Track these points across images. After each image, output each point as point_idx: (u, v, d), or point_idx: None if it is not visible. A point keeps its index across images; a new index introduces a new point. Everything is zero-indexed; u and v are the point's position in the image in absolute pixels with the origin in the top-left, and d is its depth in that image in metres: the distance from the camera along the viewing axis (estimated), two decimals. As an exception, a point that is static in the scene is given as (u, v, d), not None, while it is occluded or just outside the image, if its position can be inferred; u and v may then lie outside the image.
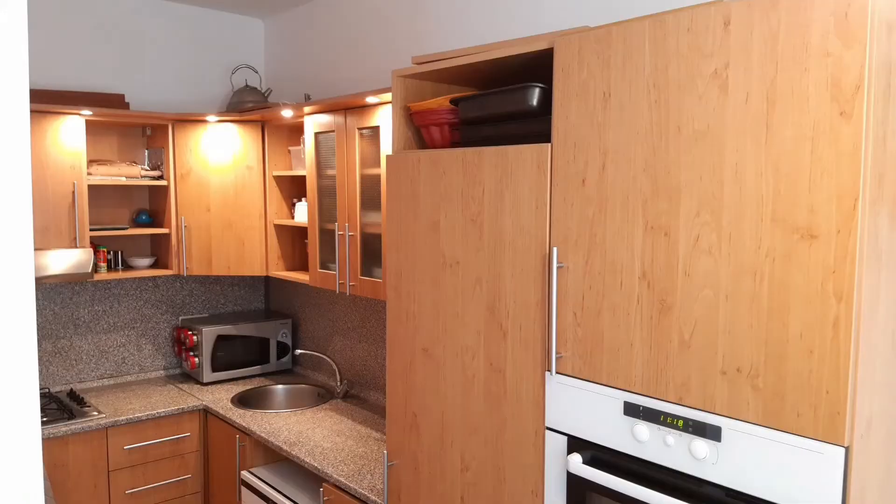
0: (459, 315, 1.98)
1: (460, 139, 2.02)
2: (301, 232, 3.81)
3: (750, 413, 1.35)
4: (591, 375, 1.64)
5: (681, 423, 1.46)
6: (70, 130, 3.31)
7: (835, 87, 1.21)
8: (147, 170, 3.66)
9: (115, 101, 3.62)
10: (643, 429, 1.52)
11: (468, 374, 1.96)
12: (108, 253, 3.69)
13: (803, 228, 1.26)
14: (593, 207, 1.60)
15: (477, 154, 1.88)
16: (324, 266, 3.27)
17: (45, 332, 3.62)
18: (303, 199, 3.60)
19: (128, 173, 3.57)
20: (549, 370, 1.73)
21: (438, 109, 2.03)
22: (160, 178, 3.67)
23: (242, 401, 3.60)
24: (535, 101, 1.73)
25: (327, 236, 3.24)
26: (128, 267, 3.76)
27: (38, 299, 3.59)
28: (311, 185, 3.26)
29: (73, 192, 3.32)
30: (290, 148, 3.62)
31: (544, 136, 1.76)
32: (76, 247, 3.32)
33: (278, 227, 3.71)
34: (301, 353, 4.07)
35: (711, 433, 1.41)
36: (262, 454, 3.22)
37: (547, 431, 1.75)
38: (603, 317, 1.60)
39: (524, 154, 1.75)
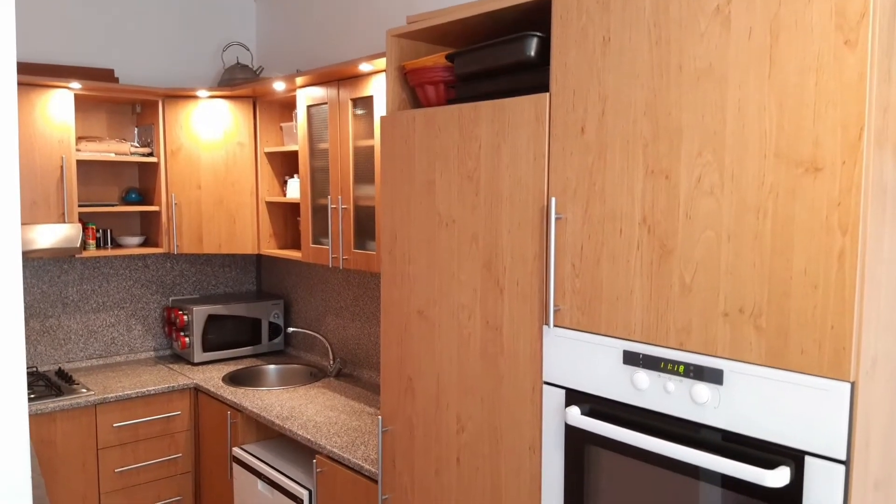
0: (455, 274, 1.95)
1: (456, 97, 1.99)
2: (293, 210, 3.77)
3: (752, 354, 1.33)
4: (589, 326, 1.61)
5: (681, 368, 1.44)
6: (58, 104, 3.26)
7: (839, 16, 1.19)
8: (137, 147, 3.61)
9: (104, 77, 3.58)
10: (643, 377, 1.50)
11: (464, 334, 1.94)
12: (98, 231, 3.64)
13: (807, 162, 1.24)
14: (592, 155, 1.58)
15: (473, 109, 1.85)
16: (316, 241, 3.23)
17: (33, 311, 3.56)
18: (295, 175, 3.56)
19: (117, 150, 3.52)
20: (546, 324, 1.70)
21: (434, 67, 2.00)
22: (150, 154, 3.63)
23: (234, 379, 3.56)
24: (532, 51, 1.71)
25: (320, 211, 3.21)
26: (117, 245, 3.71)
27: (25, 277, 3.54)
28: (304, 160, 3.22)
29: (62, 167, 3.28)
30: (282, 124, 3.58)
31: (542, 89, 1.73)
32: (64, 222, 3.28)
33: (270, 205, 3.67)
34: (293, 332, 4.04)
35: (713, 377, 1.39)
36: (254, 431, 3.18)
37: (544, 386, 1.72)
38: (602, 266, 1.57)
39: (522, 105, 1.73)
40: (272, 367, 3.75)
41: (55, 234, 3.18)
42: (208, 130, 3.59)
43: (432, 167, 1.99)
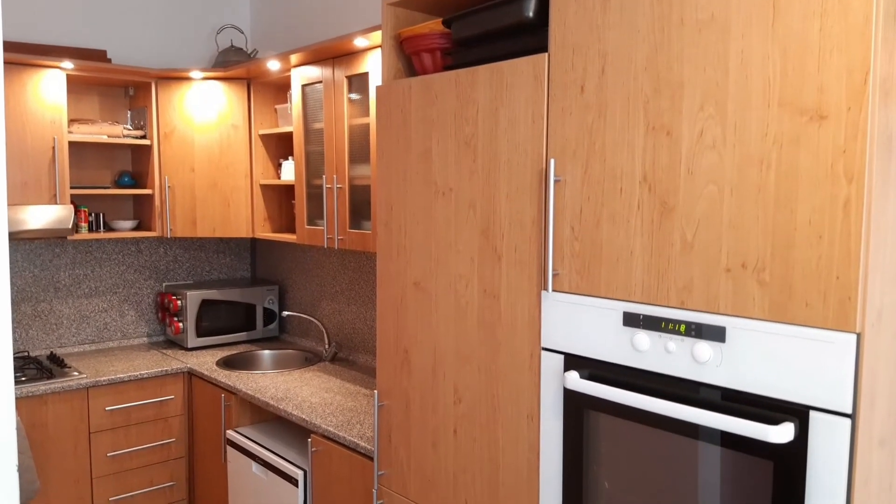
0: (452, 244, 1.92)
1: (453, 63, 1.96)
2: (288, 193, 3.74)
3: (755, 309, 1.30)
4: (588, 290, 1.59)
5: (682, 327, 1.41)
6: (50, 84, 3.22)
7: (845, -41, 1.17)
8: (130, 129, 3.58)
9: (97, 58, 3.54)
10: (643, 338, 1.48)
11: (461, 304, 1.91)
12: (90, 215, 3.60)
13: (812, 110, 1.21)
14: (592, 114, 1.55)
15: (470, 74, 1.83)
16: (311, 223, 3.20)
17: (25, 295, 3.52)
18: (289, 157, 3.53)
19: (110, 132, 3.49)
20: (545, 289, 1.68)
21: (430, 34, 1.97)
22: (143, 137, 3.59)
23: (228, 363, 3.53)
24: (531, 11, 1.68)
25: (315, 192, 3.18)
26: (109, 229, 3.68)
27: (17, 261, 3.50)
28: (298, 141, 3.19)
29: (54, 148, 3.24)
30: (277, 107, 3.55)
31: (540, 51, 1.70)
32: (56, 204, 3.24)
33: (264, 188, 3.63)
34: (288, 318, 4.00)
35: (715, 335, 1.36)
36: (249, 414, 3.15)
37: (543, 352, 1.70)
38: (602, 227, 1.55)
39: (520, 67, 1.70)
40: (266, 352, 3.72)
41: (46, 216, 3.14)
42: (202, 113, 3.55)
43: (428, 136, 1.96)
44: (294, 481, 2.64)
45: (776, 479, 1.29)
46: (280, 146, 3.67)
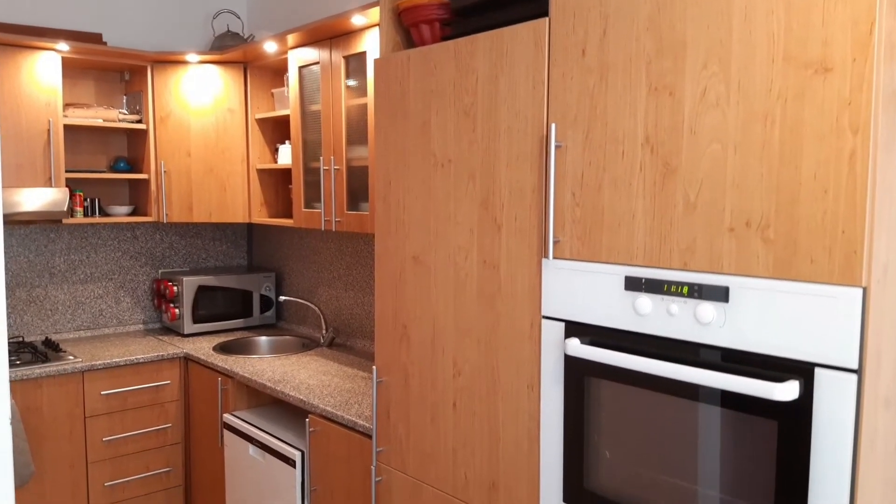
0: (451, 216, 1.91)
1: (452, 34, 1.95)
2: (284, 177, 3.72)
3: (759, 267, 1.29)
4: (590, 255, 1.57)
5: (685, 289, 1.40)
6: (45, 66, 3.19)
7: None
8: (125, 114, 3.55)
9: (92, 41, 3.51)
10: (645, 301, 1.46)
11: (460, 276, 1.89)
12: (85, 200, 3.58)
13: (816, 63, 1.20)
14: (594, 77, 1.54)
15: (470, 43, 1.81)
16: (308, 206, 3.18)
17: (20, 280, 3.50)
18: (286, 142, 3.51)
19: (105, 116, 3.46)
20: (545, 257, 1.66)
21: (428, 4, 1.96)
22: (139, 121, 3.57)
23: (225, 349, 3.51)
24: (531, -24, 1.67)
25: (312, 175, 3.16)
26: (105, 215, 3.65)
27: (11, 246, 3.47)
28: (295, 123, 3.17)
29: (49, 131, 3.21)
30: (274, 91, 3.53)
31: (540, 17, 1.69)
32: (51, 187, 3.21)
33: (261, 173, 3.61)
34: (285, 304, 3.98)
35: (718, 295, 1.35)
36: (246, 398, 3.13)
37: (543, 321, 1.68)
38: (603, 192, 1.53)
39: (520, 33, 1.68)
40: (264, 338, 3.70)
41: (41, 198, 3.12)
42: (198, 97, 3.53)
43: (427, 107, 1.95)
44: (292, 462, 2.63)
45: (780, 440, 1.27)
46: (277, 131, 3.65)
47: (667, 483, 1.45)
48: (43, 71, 3.19)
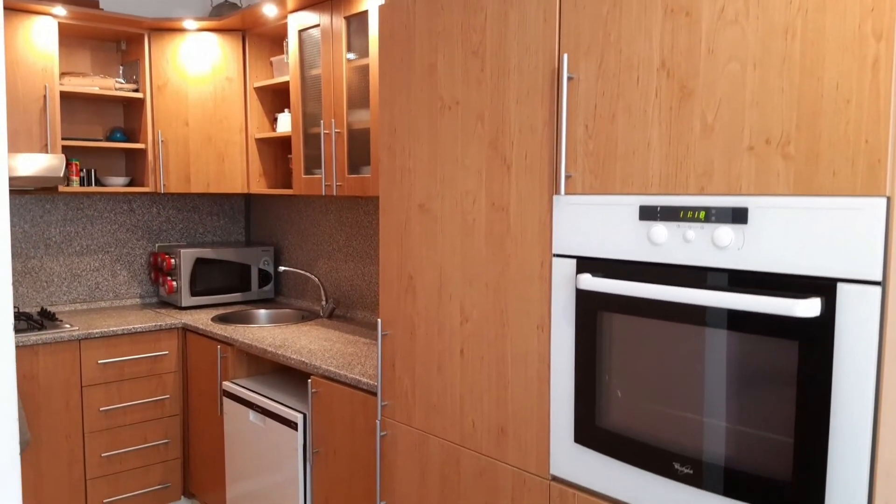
0: (459, 159, 1.88)
1: (459, -24, 1.92)
2: (283, 147, 3.68)
3: (780, 185, 1.27)
4: (603, 188, 1.55)
5: (702, 214, 1.38)
6: (42, 31, 3.15)
7: None
8: (122, 83, 3.51)
9: (89, 6, 3.46)
10: (660, 230, 1.44)
11: (468, 221, 1.87)
12: (81, 170, 3.53)
13: (840, -30, 1.18)
14: (607, 4, 1.51)
15: (478, -19, 1.78)
16: (308, 172, 3.15)
17: (15, 251, 3.45)
18: (285, 110, 3.47)
19: (102, 84, 3.42)
20: (556, 193, 1.64)
21: (436, -53, 1.93)
22: (136, 90, 3.53)
23: (223, 319, 3.47)
24: None
25: (312, 141, 3.12)
26: (101, 186, 3.60)
27: (6, 215, 3.42)
28: (295, 89, 3.13)
29: (45, 97, 3.17)
30: (273, 59, 3.50)
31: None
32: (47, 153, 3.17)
33: (260, 143, 3.58)
34: (284, 277, 3.95)
35: (737, 217, 1.33)
36: (245, 366, 3.09)
37: (554, 259, 1.66)
38: (617, 121, 1.51)
39: (530, -33, 1.66)
40: (262, 310, 3.66)
41: (37, 163, 3.07)
42: (196, 65, 3.49)
43: (434, 50, 1.92)
44: (293, 425, 2.59)
45: (801, 360, 1.25)
46: (276, 100, 3.61)
47: (682, 417, 1.43)
48: (39, 36, 3.14)
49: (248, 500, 2.89)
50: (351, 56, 2.83)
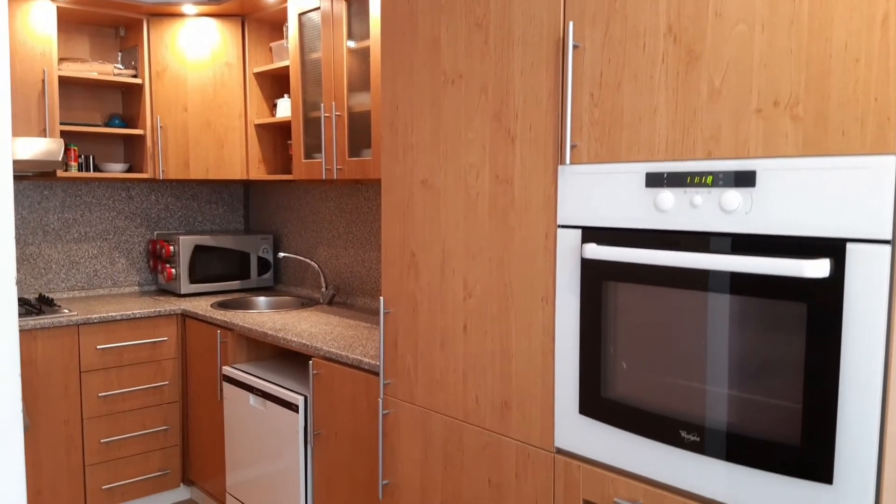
0: (462, 133, 1.87)
1: (462, -50, 1.91)
2: (283, 133, 3.67)
3: (788, 147, 1.26)
4: (608, 157, 1.54)
5: (709, 179, 1.37)
6: (40, 15, 3.13)
7: None
8: (121, 69, 3.49)
9: (86, -6, 3.45)
10: (667, 197, 1.43)
11: (471, 195, 1.86)
12: (80, 156, 3.52)
13: (849, -73, 1.17)
14: (612, -28, 1.50)
15: (482, -47, 1.77)
16: (308, 156, 3.13)
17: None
18: (285, 95, 3.46)
19: (100, 70, 3.40)
20: (562, 164, 1.63)
21: (439, -79, 1.92)
22: (134, 76, 3.51)
23: (223, 306, 3.46)
24: None
25: (312, 125, 3.11)
26: (100, 172, 3.59)
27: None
28: (295, 73, 3.12)
29: (44, 81, 3.15)
30: (272, 44, 3.48)
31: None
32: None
33: (259, 129, 3.56)
34: (284, 265, 3.94)
35: (744, 180, 1.32)
36: (245, 352, 3.08)
37: (559, 230, 1.65)
38: (623, 89, 1.50)
39: (535, -64, 1.65)
40: (262, 297, 3.65)
41: (35, 147, 3.05)
42: (195, 50, 3.48)
43: (437, 23, 1.91)
44: (294, 407, 2.58)
45: (810, 322, 1.24)
46: (275, 85, 3.60)
47: (689, 385, 1.42)
48: (38, 20, 3.13)
49: (249, 486, 2.88)
50: (351, 44, 2.82)
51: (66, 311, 3.13)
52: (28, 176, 3.38)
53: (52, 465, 3.03)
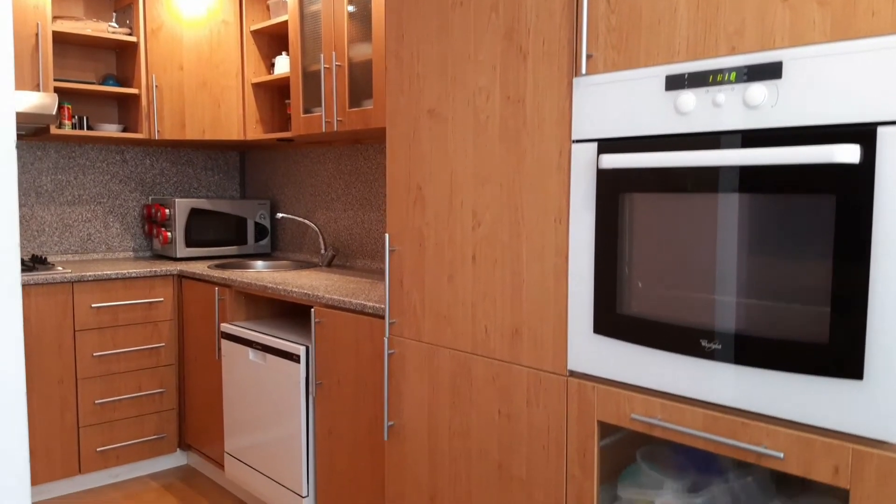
0: (472, 56, 1.82)
1: None
2: (280, 93, 3.61)
3: (816, 33, 1.22)
4: (626, 63, 1.49)
5: (733, 75, 1.33)
6: (32, -34, 3.07)
7: None
8: (115, 27, 3.43)
9: (80, -51, 3.38)
10: (688, 98, 1.39)
11: (481, 119, 1.81)
12: (73, 116, 3.45)
13: None
14: None
15: None
16: (307, 111, 3.08)
17: (4, 197, 3.35)
18: (283, 53, 3.40)
19: (94, 27, 3.34)
20: (577, 76, 1.58)
21: None
22: (129, 34, 3.45)
23: (221, 267, 3.39)
24: None
25: (311, 80, 3.06)
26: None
27: (-5, 160, 3.33)
28: (294, 26, 3.07)
29: (37, 35, 3.08)
30: (269, 1, 3.42)
31: None
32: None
33: (256, 89, 3.50)
34: (282, 227, 3.88)
35: (770, 73, 1.28)
36: (244, 309, 3.02)
37: (574, 146, 1.60)
38: (640, -8, 1.45)
39: None
40: (259, 261, 3.59)
41: (28, 100, 2.98)
42: (191, 7, 3.42)
43: (445, -54, 1.86)
44: (295, 358, 2.53)
45: (839, 215, 1.20)
46: (273, 44, 3.54)
47: (709, 293, 1.38)
48: (30, -29, 3.06)
49: (248, 445, 2.82)
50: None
51: (59, 268, 3.07)
52: (21, 135, 3.32)
53: (45, 425, 2.96)
